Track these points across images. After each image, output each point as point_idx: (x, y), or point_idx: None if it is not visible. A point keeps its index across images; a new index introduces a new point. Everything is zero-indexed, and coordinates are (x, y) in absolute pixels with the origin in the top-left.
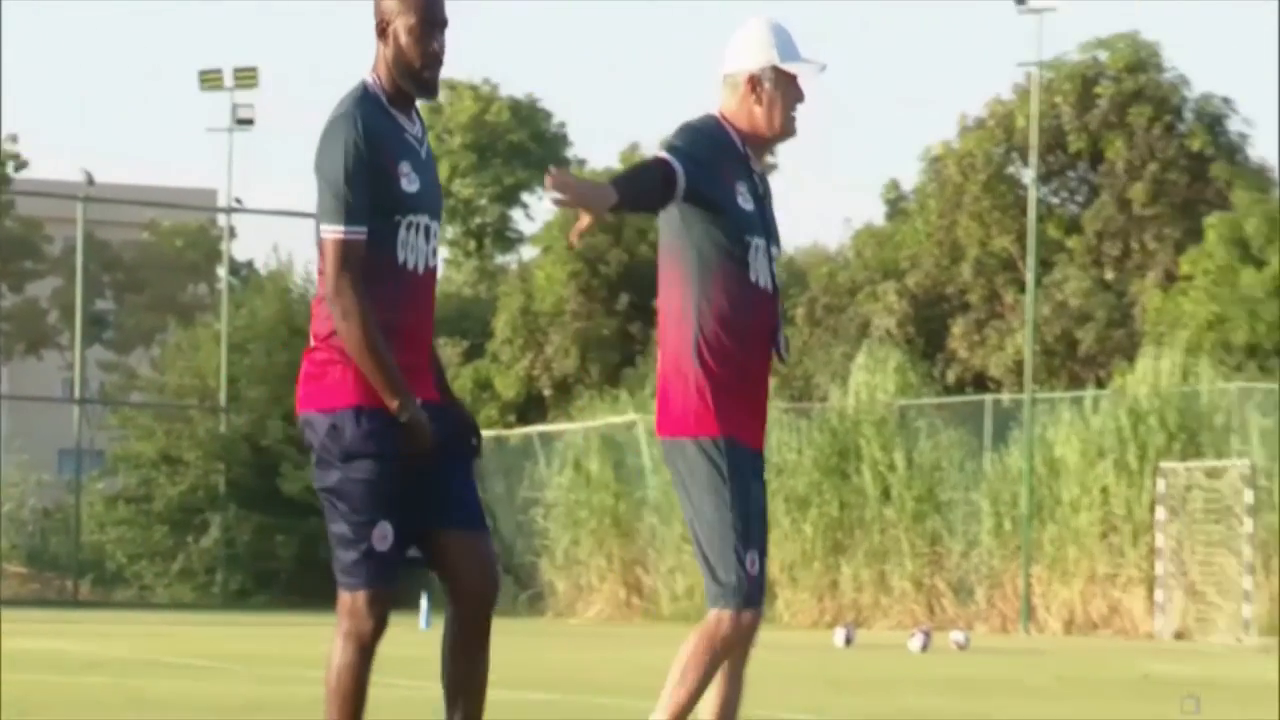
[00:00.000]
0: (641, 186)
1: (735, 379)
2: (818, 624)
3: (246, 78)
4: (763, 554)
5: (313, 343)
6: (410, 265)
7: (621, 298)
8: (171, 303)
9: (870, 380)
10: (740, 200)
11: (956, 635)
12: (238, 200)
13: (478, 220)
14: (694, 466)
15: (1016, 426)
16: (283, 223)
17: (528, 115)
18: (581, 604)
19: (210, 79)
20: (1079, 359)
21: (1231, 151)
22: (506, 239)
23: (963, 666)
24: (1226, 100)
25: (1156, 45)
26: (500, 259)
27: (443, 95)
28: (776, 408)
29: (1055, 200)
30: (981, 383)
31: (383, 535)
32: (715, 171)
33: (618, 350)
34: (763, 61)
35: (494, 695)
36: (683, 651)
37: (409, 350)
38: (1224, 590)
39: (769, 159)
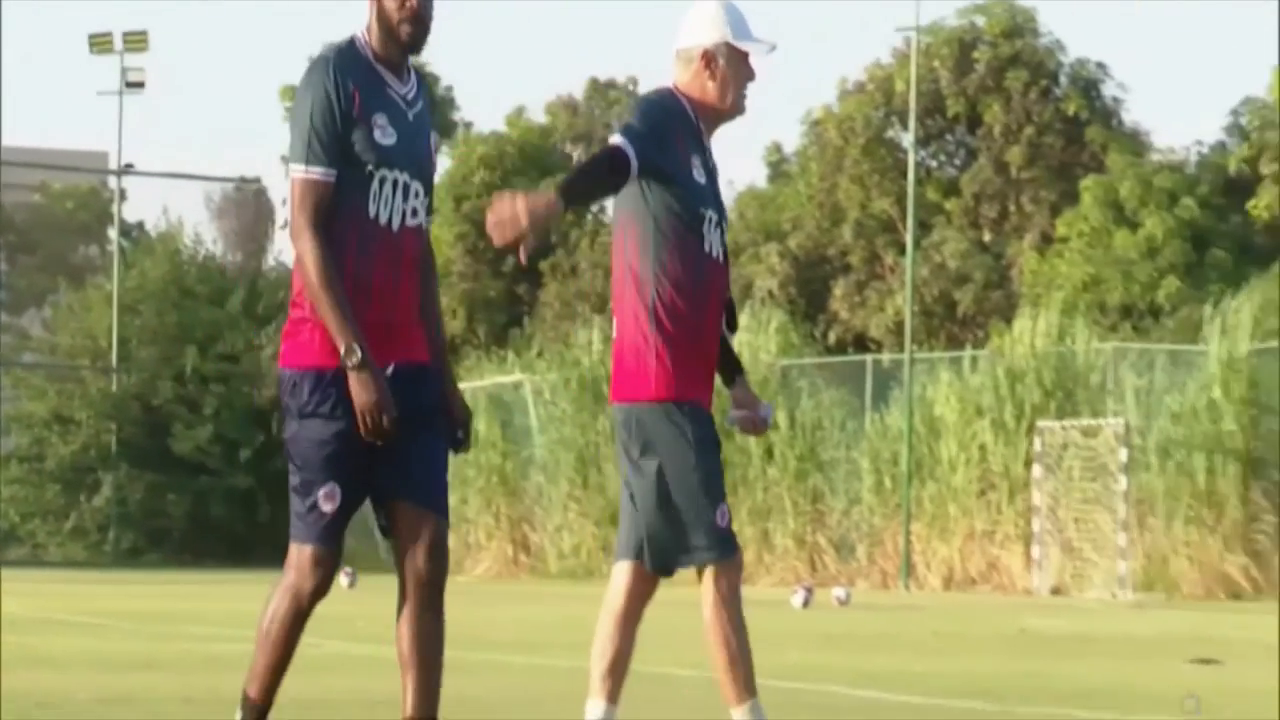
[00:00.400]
0: (590, 182)
1: (692, 344)
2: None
3: (136, 41)
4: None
5: (292, 296)
6: (382, 220)
7: (508, 260)
8: (63, 264)
9: (753, 341)
10: (694, 173)
11: (838, 591)
12: (128, 164)
13: None
14: (658, 431)
15: (896, 386)
16: (173, 185)
17: None
18: (470, 561)
19: (100, 42)
20: (957, 320)
21: (1106, 116)
22: None
23: (844, 622)
24: (1101, 65)
25: (1033, 10)
26: None
27: None
28: None
29: (934, 163)
30: (862, 343)
31: (329, 495)
32: (670, 145)
33: (504, 311)
34: (716, 38)
35: (382, 651)
36: (712, 626)
37: (382, 307)
38: (1099, 547)
39: None
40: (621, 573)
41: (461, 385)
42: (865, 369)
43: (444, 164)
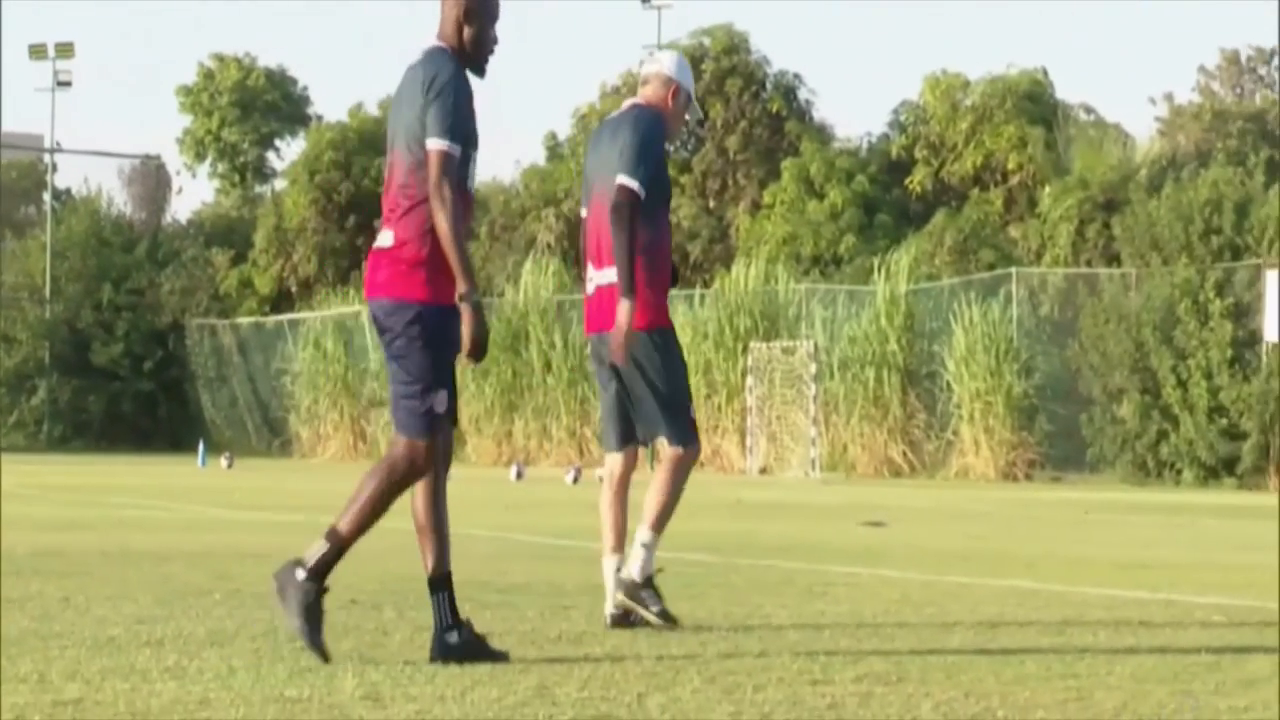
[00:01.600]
0: (632, 250)
1: (665, 285)
2: (497, 463)
3: (65, 51)
4: None
5: (393, 241)
6: (469, 188)
7: (351, 218)
8: (8, 221)
9: (535, 281)
10: (667, 167)
11: (600, 471)
12: (59, 143)
13: (241, 159)
14: (650, 351)
15: None
16: (93, 160)
17: (279, 80)
18: (320, 448)
19: (37, 51)
20: (690, 266)
21: (801, 113)
22: (263, 174)
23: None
24: (798, 76)
25: (746, 34)
26: (259, 189)
27: (214, 65)
28: None
29: (671, 148)
30: None
31: (441, 400)
32: (662, 157)
33: (347, 258)
34: (687, 84)
35: (254, 517)
36: (660, 478)
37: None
38: (796, 437)
39: None
40: (614, 460)
41: (314, 314)
42: None
43: (300, 146)
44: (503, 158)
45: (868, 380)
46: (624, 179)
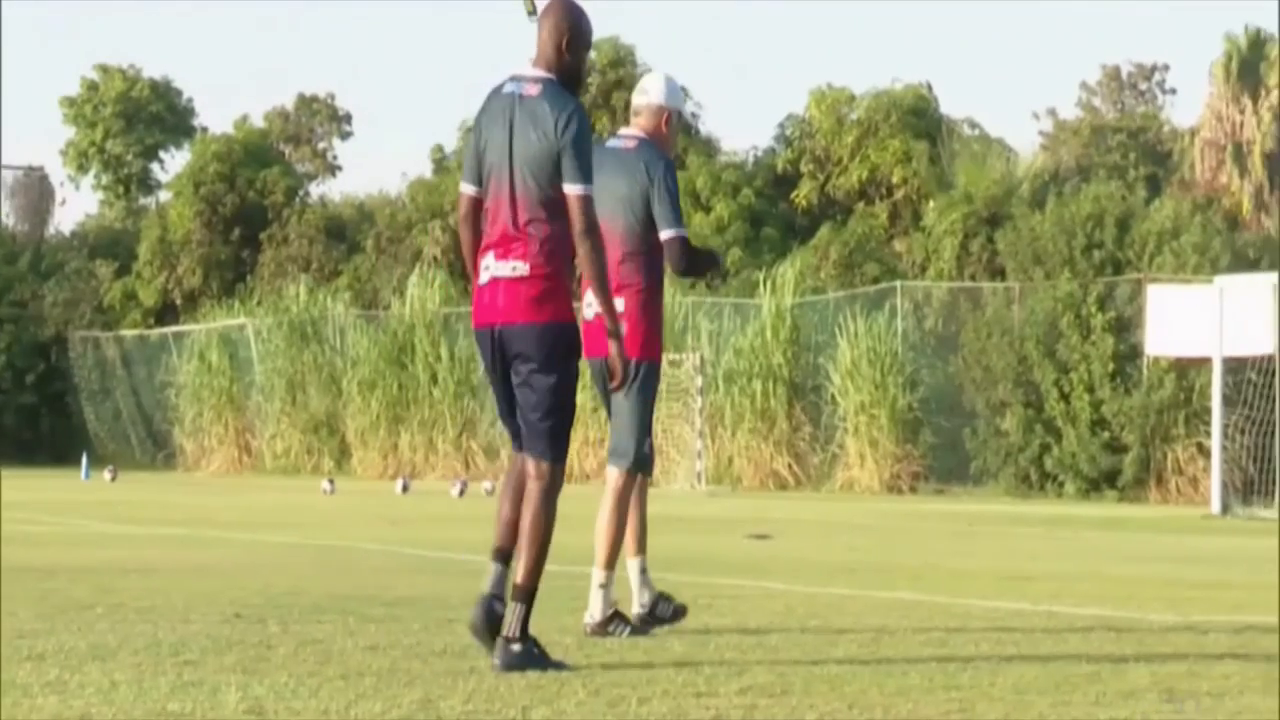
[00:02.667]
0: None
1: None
2: (383, 476)
3: None
4: None
5: (531, 269)
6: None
7: (236, 230)
8: None
9: (422, 294)
10: None
11: (486, 484)
12: None
13: (125, 170)
14: (648, 381)
15: None
16: None
17: (163, 92)
18: (205, 461)
19: None
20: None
21: (687, 127)
22: (148, 185)
23: (489, 507)
24: (684, 88)
25: (632, 47)
26: (143, 200)
27: (97, 76)
28: (353, 313)
29: None
30: None
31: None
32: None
33: (232, 270)
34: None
35: (138, 531)
36: (605, 510)
37: None
38: (682, 450)
39: None
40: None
41: (199, 326)
42: None
43: (186, 158)
44: (389, 170)
45: (754, 393)
46: (681, 232)
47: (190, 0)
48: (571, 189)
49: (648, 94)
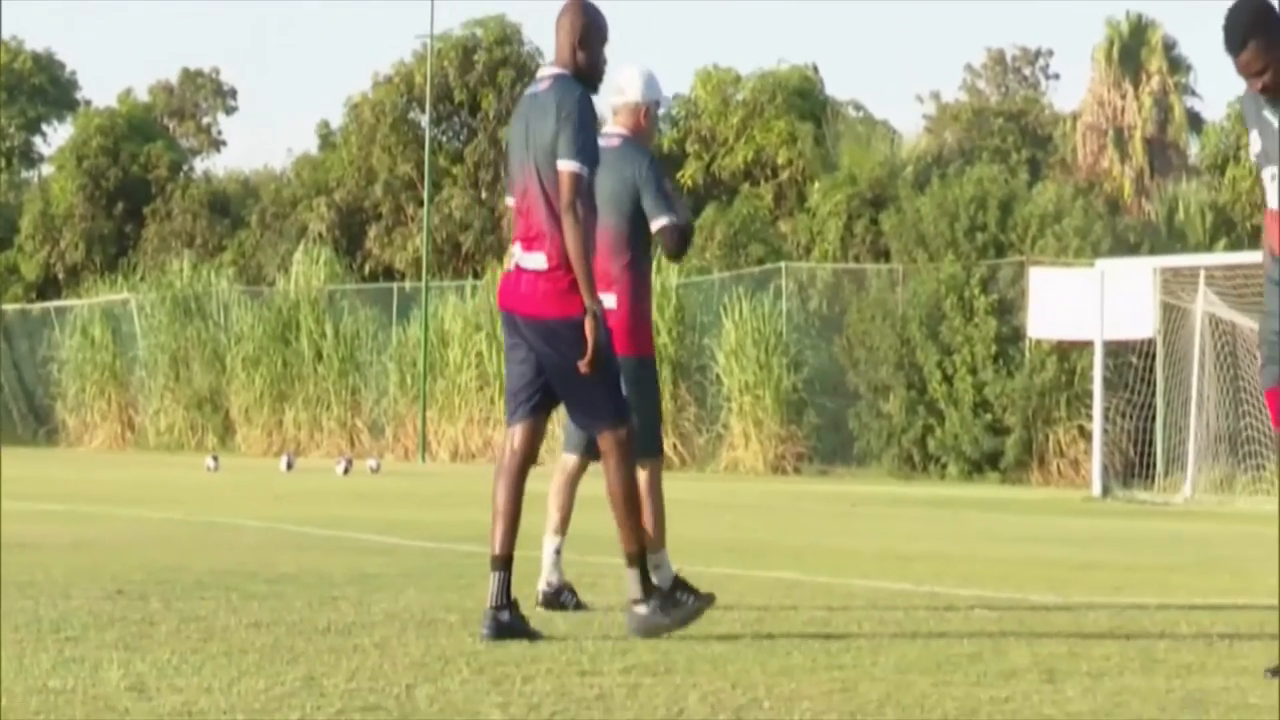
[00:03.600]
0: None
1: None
2: (267, 453)
3: None
4: None
5: (550, 264)
6: (595, 205)
7: (118, 205)
8: None
9: (307, 270)
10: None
11: (370, 462)
12: None
13: (7, 144)
14: (642, 375)
15: (416, 307)
16: None
17: (46, 64)
18: (87, 436)
19: None
20: (462, 257)
21: None
22: (30, 159)
23: (374, 484)
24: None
25: (519, 25)
26: (25, 174)
27: None
28: (237, 289)
29: (444, 138)
30: (390, 273)
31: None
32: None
33: (115, 244)
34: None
35: (18, 506)
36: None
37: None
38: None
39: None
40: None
41: (81, 301)
42: (393, 293)
43: (68, 131)
44: (274, 145)
45: None
46: (671, 218)
47: None
48: (561, 164)
49: (624, 93)
